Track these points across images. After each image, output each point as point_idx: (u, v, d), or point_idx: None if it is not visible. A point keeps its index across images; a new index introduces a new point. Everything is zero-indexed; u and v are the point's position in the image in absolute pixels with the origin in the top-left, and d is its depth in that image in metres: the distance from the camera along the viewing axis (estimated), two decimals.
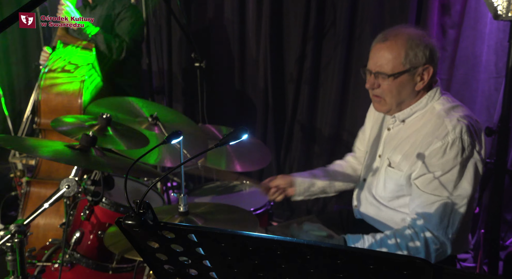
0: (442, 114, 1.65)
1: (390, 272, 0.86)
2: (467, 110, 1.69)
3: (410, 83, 1.67)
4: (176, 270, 1.13)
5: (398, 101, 1.71)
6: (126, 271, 2.01)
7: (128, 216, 0.98)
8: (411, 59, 1.63)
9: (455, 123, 1.59)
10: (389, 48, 1.65)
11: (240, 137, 1.08)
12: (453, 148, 1.57)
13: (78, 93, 2.80)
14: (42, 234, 2.67)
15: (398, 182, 1.73)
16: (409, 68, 1.64)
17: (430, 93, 1.70)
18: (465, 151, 1.58)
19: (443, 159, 1.58)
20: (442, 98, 1.71)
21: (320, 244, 0.91)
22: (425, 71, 1.66)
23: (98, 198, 1.79)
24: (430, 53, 1.64)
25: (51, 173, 2.82)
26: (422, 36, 1.66)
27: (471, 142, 1.58)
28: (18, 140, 1.87)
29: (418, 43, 1.63)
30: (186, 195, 1.52)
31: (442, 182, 1.58)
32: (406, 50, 1.62)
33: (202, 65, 3.01)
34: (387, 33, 1.69)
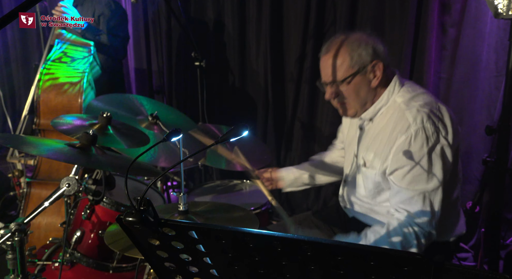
0: (402, 107, 1.67)
1: (391, 268, 0.86)
2: (429, 97, 1.70)
3: (365, 82, 1.71)
4: (177, 268, 1.13)
5: (361, 102, 1.75)
6: (126, 270, 2.01)
7: (129, 213, 0.98)
8: (357, 60, 1.68)
9: (415, 113, 1.61)
10: (333, 57, 1.71)
11: (241, 133, 1.08)
12: (417, 139, 1.59)
13: (78, 92, 2.80)
14: (44, 234, 2.68)
15: (374, 180, 1.77)
16: (358, 69, 1.68)
17: (389, 88, 1.73)
18: (430, 139, 1.59)
19: (410, 152, 1.60)
20: (402, 89, 1.73)
21: (320, 240, 0.91)
22: (375, 67, 1.69)
23: (99, 198, 1.79)
24: (373, 50, 1.68)
25: (51, 174, 2.82)
26: (360, 36, 1.72)
27: (435, 129, 1.60)
28: (18, 138, 1.87)
29: (358, 44, 1.68)
30: (186, 194, 1.52)
31: (415, 174, 1.60)
32: (349, 53, 1.68)
33: (202, 64, 3.01)
34: (328, 44, 1.76)
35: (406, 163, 1.61)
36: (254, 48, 3.65)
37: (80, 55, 2.96)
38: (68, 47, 2.97)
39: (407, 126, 1.61)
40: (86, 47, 3.01)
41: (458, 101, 2.88)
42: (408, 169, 1.60)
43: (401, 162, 1.62)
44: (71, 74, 2.88)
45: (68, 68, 2.89)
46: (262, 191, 2.10)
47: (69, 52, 2.95)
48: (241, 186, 2.53)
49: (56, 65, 2.88)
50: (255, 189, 2.49)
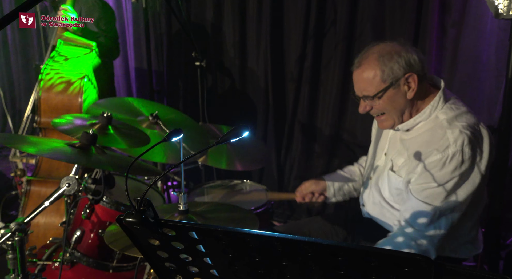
0: (444, 125, 1.63)
1: (391, 268, 0.86)
2: (472, 118, 1.66)
3: (400, 95, 1.68)
4: (177, 268, 1.13)
5: (397, 114, 1.73)
6: (126, 270, 2.01)
7: (129, 213, 0.98)
8: (389, 74, 1.64)
9: (457, 135, 1.58)
10: (365, 72, 1.68)
11: (241, 134, 1.07)
12: (452, 162, 1.57)
13: (78, 92, 2.81)
14: (43, 233, 2.68)
15: (397, 186, 1.75)
16: (390, 83, 1.65)
17: (433, 103, 1.69)
18: (464, 164, 1.57)
19: (442, 171, 1.58)
20: (446, 106, 1.69)
21: (321, 241, 0.90)
22: (409, 79, 1.66)
23: (99, 197, 1.79)
24: (405, 62, 1.65)
25: (51, 172, 2.82)
26: (391, 48, 1.68)
27: (472, 154, 1.57)
28: (18, 138, 1.87)
29: (389, 58, 1.65)
30: (186, 194, 1.52)
31: (435, 192, 1.59)
32: (381, 67, 1.65)
33: (202, 64, 3.01)
34: (360, 58, 1.73)
35: (432, 181, 1.59)
36: (255, 48, 3.65)
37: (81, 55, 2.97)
38: (70, 47, 2.97)
39: (447, 145, 1.58)
40: (87, 47, 3.01)
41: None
42: (432, 186, 1.59)
43: (428, 178, 1.60)
44: (71, 73, 2.89)
45: (69, 67, 2.90)
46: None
47: (70, 52, 2.96)
48: (242, 186, 2.53)
49: (57, 64, 2.90)
50: (255, 188, 2.49)
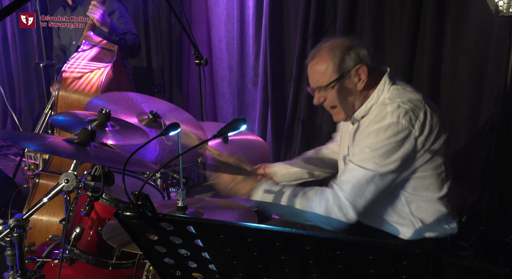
0: (386, 102, 1.70)
1: (390, 262, 0.86)
2: (415, 94, 1.71)
3: (350, 86, 1.75)
4: (176, 263, 1.13)
5: (349, 105, 1.79)
6: (126, 267, 2.00)
7: (126, 207, 0.98)
8: (340, 65, 1.72)
9: (395, 108, 1.64)
10: (318, 63, 1.77)
11: (239, 127, 1.08)
12: (387, 131, 1.62)
13: (95, 91, 2.90)
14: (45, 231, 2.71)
15: None
16: (341, 74, 1.73)
17: (379, 86, 1.76)
18: (399, 134, 1.61)
19: (376, 139, 1.63)
20: (392, 87, 1.75)
21: (319, 235, 0.90)
22: (359, 71, 1.73)
23: (98, 194, 1.79)
24: (356, 54, 1.73)
25: (61, 167, 2.89)
26: (342, 42, 1.76)
27: (408, 126, 1.61)
28: (17, 134, 1.87)
29: (341, 50, 1.73)
30: (184, 190, 1.52)
31: (369, 156, 1.63)
32: (332, 59, 1.73)
33: (202, 62, 3.01)
34: (313, 52, 1.81)
35: (367, 147, 1.64)
36: (255, 45, 3.65)
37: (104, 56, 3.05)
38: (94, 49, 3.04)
39: (383, 117, 1.65)
40: (111, 50, 3.12)
41: (459, 99, 2.88)
42: (366, 151, 1.64)
43: (364, 145, 1.66)
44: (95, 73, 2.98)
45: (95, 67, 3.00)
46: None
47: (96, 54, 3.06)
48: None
49: (79, 63, 2.98)
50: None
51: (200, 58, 3.00)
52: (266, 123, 3.67)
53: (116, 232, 1.59)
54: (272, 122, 3.61)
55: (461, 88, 2.86)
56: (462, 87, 2.85)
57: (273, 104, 3.58)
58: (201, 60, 3.01)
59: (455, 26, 2.81)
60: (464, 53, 2.81)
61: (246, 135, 2.63)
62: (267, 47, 3.49)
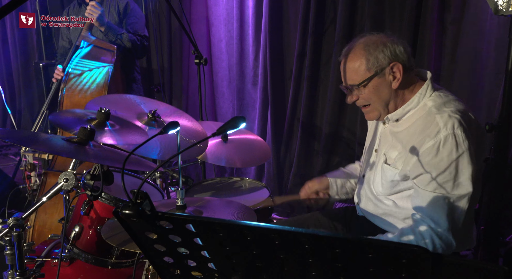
0: (433, 111, 1.64)
1: (389, 260, 0.86)
2: (461, 104, 1.67)
3: (385, 84, 1.70)
4: (175, 262, 1.12)
5: (383, 104, 1.74)
6: (125, 266, 2.00)
7: (125, 205, 0.98)
8: (373, 63, 1.68)
9: (446, 119, 1.58)
10: (351, 61, 1.72)
11: (238, 125, 1.07)
12: (446, 145, 1.55)
13: (101, 90, 2.96)
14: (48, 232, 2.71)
15: (393, 179, 1.74)
16: (375, 72, 1.68)
17: (421, 91, 1.71)
18: (460, 146, 1.55)
19: (437, 158, 1.57)
20: (435, 94, 1.70)
21: (318, 233, 0.90)
22: (394, 69, 1.68)
23: (97, 193, 1.79)
24: (390, 51, 1.67)
25: (66, 166, 2.88)
26: (377, 39, 1.71)
27: (466, 136, 1.56)
28: (18, 133, 1.86)
29: (375, 47, 1.68)
30: (183, 189, 1.52)
31: (440, 181, 1.57)
32: (366, 56, 1.68)
33: (202, 62, 3.01)
34: (346, 48, 1.77)
35: (432, 169, 1.58)
36: (254, 45, 3.65)
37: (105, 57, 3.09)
38: (93, 49, 3.09)
39: (437, 131, 1.57)
40: (110, 50, 3.13)
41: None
42: (435, 175, 1.57)
43: (427, 167, 1.59)
44: (96, 72, 3.02)
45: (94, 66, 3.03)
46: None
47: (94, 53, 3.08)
48: (241, 183, 2.52)
49: (82, 63, 3.01)
50: (254, 186, 2.49)
51: (199, 58, 3.00)
52: (266, 122, 3.67)
53: (115, 231, 1.59)
54: (272, 121, 3.61)
55: (461, 88, 2.86)
56: (462, 87, 2.85)
57: (273, 103, 3.58)
58: (200, 60, 3.01)
59: (455, 26, 2.81)
60: (463, 53, 2.81)
61: (246, 135, 2.63)
62: (266, 47, 3.49)
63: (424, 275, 0.83)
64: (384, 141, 1.83)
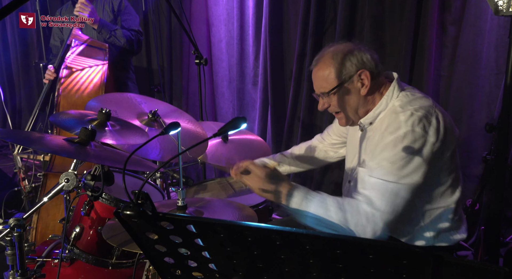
0: (398, 110, 1.68)
1: (390, 261, 0.86)
2: (427, 101, 1.69)
3: (354, 91, 1.74)
4: (176, 262, 1.12)
5: (352, 110, 1.78)
6: (125, 266, 2.00)
7: (126, 206, 0.98)
8: (341, 71, 1.71)
9: (408, 116, 1.62)
10: (320, 70, 1.76)
11: (239, 126, 1.07)
12: (404, 141, 1.59)
13: (98, 89, 2.92)
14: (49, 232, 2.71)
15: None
16: (343, 80, 1.72)
17: (388, 93, 1.74)
18: (416, 142, 1.59)
19: (394, 150, 1.60)
20: (402, 94, 1.74)
21: (319, 234, 0.90)
22: (362, 76, 1.71)
23: (98, 193, 1.79)
24: (357, 59, 1.71)
25: (65, 167, 2.87)
26: (344, 48, 1.75)
27: (424, 134, 1.59)
28: (18, 133, 1.87)
29: (342, 56, 1.72)
30: (184, 189, 1.52)
31: (390, 170, 1.59)
32: (334, 65, 1.72)
33: (202, 62, 3.01)
34: (317, 57, 1.81)
35: (386, 160, 1.61)
36: (254, 45, 3.65)
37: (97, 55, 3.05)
38: (86, 48, 3.04)
39: (398, 127, 1.62)
40: (102, 48, 3.10)
41: (458, 99, 2.88)
42: (386, 165, 1.60)
43: (383, 158, 1.62)
44: (90, 71, 2.98)
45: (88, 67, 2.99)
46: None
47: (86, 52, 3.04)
48: (241, 184, 2.52)
49: (75, 63, 2.97)
50: None
51: (200, 58, 3.00)
52: (266, 122, 3.67)
53: (116, 231, 1.60)
54: (272, 121, 3.61)
55: (460, 88, 2.86)
56: (461, 87, 2.86)
57: (273, 104, 3.58)
58: (201, 60, 3.01)
59: (455, 26, 2.81)
60: (463, 53, 2.81)
61: (246, 135, 2.63)
62: (267, 47, 3.49)
63: (425, 276, 0.83)
64: (364, 147, 1.86)
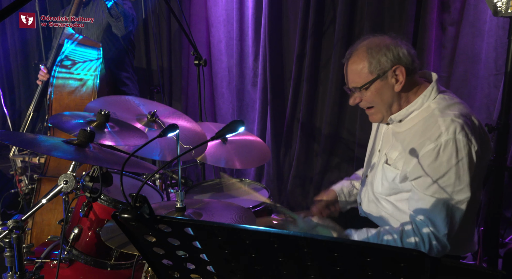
0: (436, 114, 1.63)
1: (388, 264, 0.86)
2: (465, 108, 1.66)
3: (387, 87, 1.70)
4: (174, 264, 1.12)
5: (385, 107, 1.74)
6: (124, 268, 2.00)
7: (124, 209, 0.98)
8: (376, 66, 1.67)
9: (449, 123, 1.57)
10: (354, 64, 1.72)
11: (237, 129, 1.07)
12: (446, 150, 1.55)
13: (91, 91, 2.87)
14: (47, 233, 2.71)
15: (393, 179, 1.74)
16: (377, 75, 1.68)
17: (426, 92, 1.70)
18: (460, 152, 1.55)
19: (437, 162, 1.56)
20: (439, 96, 1.69)
21: (317, 237, 0.90)
22: (397, 72, 1.67)
23: (96, 195, 1.79)
24: (393, 54, 1.67)
25: (59, 170, 2.86)
26: (381, 41, 1.70)
27: (467, 142, 1.55)
28: (17, 135, 1.86)
29: (378, 50, 1.68)
30: (183, 191, 1.52)
31: (440, 185, 1.57)
32: (368, 59, 1.68)
33: (201, 63, 3.01)
34: (350, 50, 1.77)
35: (432, 173, 1.57)
36: (254, 46, 3.65)
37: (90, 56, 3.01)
38: (78, 47, 3.01)
39: (439, 134, 1.57)
40: (95, 48, 3.05)
41: None
42: (434, 179, 1.57)
43: (427, 170, 1.58)
44: (84, 73, 2.94)
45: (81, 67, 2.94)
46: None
47: (79, 52, 2.99)
48: (240, 185, 2.52)
49: (68, 64, 2.93)
50: (254, 187, 2.49)
51: (199, 59, 3.00)
52: (266, 123, 3.67)
53: (115, 233, 1.59)
54: (272, 122, 3.61)
55: (460, 89, 2.86)
56: (461, 88, 2.86)
57: (272, 104, 3.58)
58: (200, 61, 3.01)
59: (454, 26, 2.81)
60: (463, 54, 2.81)
61: (246, 136, 2.63)
62: (266, 48, 3.49)
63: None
64: (386, 142, 1.83)
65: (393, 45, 1.68)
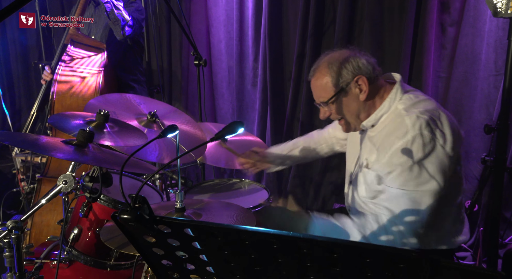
0: (402, 113, 1.68)
1: (387, 265, 0.86)
2: (431, 104, 1.71)
3: (352, 98, 1.75)
4: (173, 265, 1.12)
5: (354, 116, 1.79)
6: (124, 268, 2.01)
7: (123, 210, 0.98)
8: (338, 79, 1.72)
9: (414, 120, 1.62)
10: (318, 80, 1.77)
11: (236, 130, 1.07)
12: (413, 145, 1.60)
13: (93, 92, 2.88)
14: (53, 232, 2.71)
15: (373, 181, 1.78)
16: (341, 88, 1.73)
17: (391, 95, 1.75)
18: (426, 146, 1.60)
19: (405, 157, 1.61)
20: (405, 96, 1.74)
21: (316, 237, 0.90)
22: (359, 82, 1.72)
23: (96, 195, 1.79)
24: (353, 66, 1.72)
25: (60, 171, 2.86)
26: (340, 55, 1.75)
27: (432, 136, 1.60)
28: (16, 135, 1.86)
29: (338, 64, 1.72)
30: (182, 192, 1.52)
31: (407, 177, 1.61)
32: (330, 74, 1.73)
33: (201, 63, 3.01)
34: (313, 67, 1.82)
35: (400, 167, 1.62)
36: (254, 46, 3.65)
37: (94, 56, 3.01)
38: (82, 47, 3.01)
39: (405, 131, 1.62)
40: (99, 48, 3.06)
41: (457, 100, 2.88)
42: (400, 171, 1.62)
43: (395, 165, 1.63)
44: (87, 73, 2.95)
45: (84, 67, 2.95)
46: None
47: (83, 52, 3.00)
48: (240, 185, 2.52)
49: (71, 64, 2.94)
50: (254, 187, 2.49)
51: (199, 59, 3.00)
52: (266, 123, 3.67)
53: (114, 233, 1.59)
54: (272, 122, 3.61)
55: (459, 89, 2.86)
56: (460, 88, 2.86)
57: (272, 104, 3.58)
58: (200, 61, 3.01)
59: (454, 27, 2.81)
60: (462, 54, 2.81)
61: (246, 136, 2.63)
62: (266, 48, 3.49)
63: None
64: (365, 147, 1.87)
65: (352, 57, 1.73)
